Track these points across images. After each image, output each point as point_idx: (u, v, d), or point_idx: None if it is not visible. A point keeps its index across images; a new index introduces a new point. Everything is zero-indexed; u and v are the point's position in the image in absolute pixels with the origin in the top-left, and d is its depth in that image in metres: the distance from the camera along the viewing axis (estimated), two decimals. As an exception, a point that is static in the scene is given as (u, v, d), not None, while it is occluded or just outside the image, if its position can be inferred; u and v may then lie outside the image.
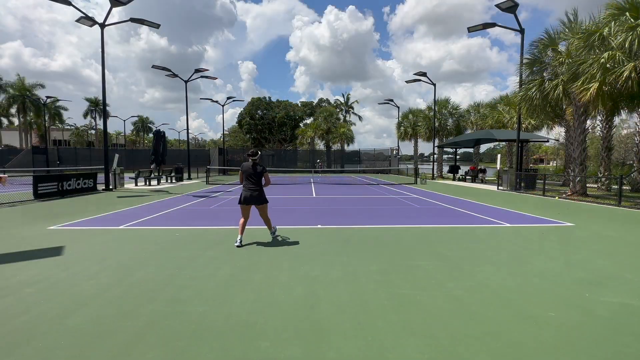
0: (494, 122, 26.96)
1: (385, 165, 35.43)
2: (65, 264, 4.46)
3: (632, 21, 11.04)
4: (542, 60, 14.55)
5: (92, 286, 3.69)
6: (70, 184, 12.71)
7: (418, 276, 4.05)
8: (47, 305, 3.21)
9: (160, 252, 5.08)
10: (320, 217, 8.29)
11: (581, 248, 5.45)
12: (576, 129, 13.94)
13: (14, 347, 2.48)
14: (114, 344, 2.53)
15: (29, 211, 8.99)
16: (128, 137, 68.24)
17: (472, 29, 16.05)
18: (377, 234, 6.36)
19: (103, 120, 16.23)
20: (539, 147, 54.97)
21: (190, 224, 7.32)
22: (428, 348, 2.49)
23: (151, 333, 2.69)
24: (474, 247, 5.48)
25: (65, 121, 50.85)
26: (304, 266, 4.42)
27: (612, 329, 2.78)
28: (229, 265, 4.46)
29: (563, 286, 3.75)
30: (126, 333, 2.68)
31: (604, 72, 11.06)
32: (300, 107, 55.22)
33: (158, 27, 15.85)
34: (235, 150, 44.39)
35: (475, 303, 3.29)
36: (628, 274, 4.18)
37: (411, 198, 12.63)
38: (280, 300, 3.34)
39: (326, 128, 41.55)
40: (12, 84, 42.41)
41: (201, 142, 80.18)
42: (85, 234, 6.33)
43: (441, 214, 8.86)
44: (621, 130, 25.96)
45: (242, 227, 5.43)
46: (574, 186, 13.49)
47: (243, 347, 2.49)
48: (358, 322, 2.90)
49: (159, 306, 3.18)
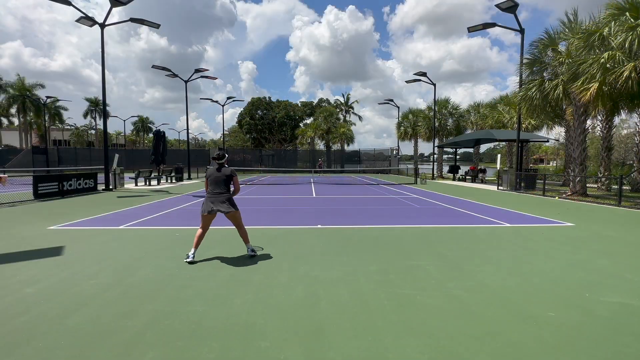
0: (494, 122, 26.95)
1: (385, 165, 35.44)
2: (65, 264, 4.45)
3: (632, 21, 11.04)
4: (542, 60, 14.55)
5: (92, 286, 3.69)
6: (70, 184, 12.71)
7: (418, 276, 4.05)
8: (47, 305, 3.21)
9: (160, 252, 5.08)
10: (320, 217, 8.29)
11: (581, 248, 5.45)
12: (576, 129, 13.93)
13: (14, 347, 2.48)
14: (114, 344, 2.53)
15: (29, 211, 8.99)
16: (128, 137, 68.23)
17: (472, 29, 16.05)
18: (377, 234, 6.36)
19: (103, 120, 16.23)
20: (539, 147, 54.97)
21: (190, 224, 7.32)
22: (428, 348, 2.49)
23: (151, 333, 2.69)
24: (474, 247, 5.47)
25: (65, 121, 50.88)
26: (304, 266, 4.42)
27: (612, 329, 2.78)
28: (229, 265, 4.46)
29: (563, 286, 3.75)
30: (126, 333, 2.68)
31: (604, 72, 11.07)
32: (300, 107, 55.23)
33: (158, 27, 15.85)
34: (235, 150, 44.43)
35: (475, 303, 3.29)
36: (628, 274, 4.18)
37: (411, 198, 12.63)
38: (280, 301, 3.33)
39: (326, 128, 41.57)
40: (12, 84, 42.40)
41: (201, 142, 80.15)
42: (85, 234, 6.33)
43: (441, 214, 8.86)
44: (621, 130, 25.98)
45: (199, 240, 4.64)
46: (574, 186, 13.49)
47: (243, 347, 2.49)
48: (358, 322, 2.90)
49: (159, 306, 3.18)
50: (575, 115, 13.93)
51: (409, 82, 25.49)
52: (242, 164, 37.07)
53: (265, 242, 5.66)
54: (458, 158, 28.63)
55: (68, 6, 12.91)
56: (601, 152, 17.26)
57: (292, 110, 52.73)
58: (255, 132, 52.45)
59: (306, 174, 30.64)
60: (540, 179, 16.33)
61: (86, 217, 8.05)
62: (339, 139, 41.94)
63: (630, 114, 16.62)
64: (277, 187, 17.09)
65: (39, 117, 42.76)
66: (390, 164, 34.72)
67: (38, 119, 43.48)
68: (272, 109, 52.76)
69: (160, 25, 15.83)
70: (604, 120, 16.94)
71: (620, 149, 24.68)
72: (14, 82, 42.67)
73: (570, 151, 15.92)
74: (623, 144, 24.91)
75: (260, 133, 52.24)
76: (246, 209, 9.75)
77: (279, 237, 6.09)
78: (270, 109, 52.67)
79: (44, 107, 38.49)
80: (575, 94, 12.27)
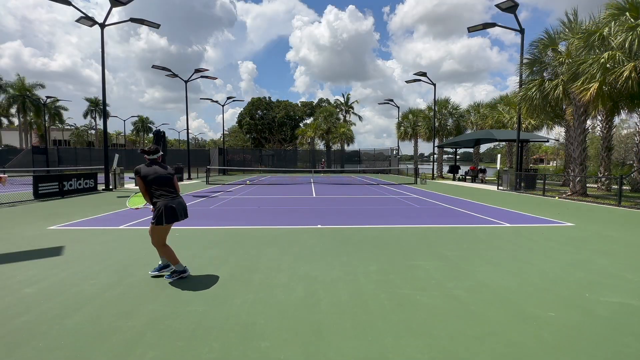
0: (494, 122, 26.96)
1: (385, 165, 35.46)
2: (65, 264, 4.45)
3: (632, 21, 11.04)
4: (542, 60, 14.55)
5: (92, 286, 3.69)
6: (70, 184, 12.71)
7: (418, 276, 4.05)
8: (47, 305, 3.21)
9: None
10: (320, 217, 8.29)
11: (581, 248, 5.45)
12: (576, 129, 13.93)
13: (14, 347, 2.48)
14: (114, 344, 2.53)
15: (29, 211, 8.99)
16: (128, 137, 68.22)
17: (472, 29, 16.05)
18: (377, 234, 6.36)
19: (103, 120, 16.23)
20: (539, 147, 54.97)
21: (190, 224, 7.31)
22: (428, 348, 2.49)
23: (151, 333, 2.69)
24: (474, 247, 5.47)
25: (65, 121, 50.87)
26: (304, 266, 4.42)
27: (612, 329, 2.78)
28: (229, 265, 4.46)
29: (563, 286, 3.75)
30: (126, 333, 2.68)
31: (604, 72, 11.07)
32: (300, 107, 55.24)
33: (158, 27, 15.85)
34: (235, 150, 44.42)
35: (475, 303, 3.29)
36: (628, 274, 4.18)
37: (411, 198, 12.63)
38: (280, 301, 3.33)
39: (326, 128, 41.56)
40: (12, 84, 42.38)
41: (201, 142, 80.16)
42: (85, 234, 6.33)
43: (441, 214, 8.86)
44: (621, 130, 25.97)
45: (172, 253, 3.90)
46: (574, 186, 13.49)
47: (243, 347, 2.49)
48: (358, 322, 2.90)
49: (159, 306, 3.18)
50: (575, 115, 13.94)
51: (409, 82, 25.50)
52: (242, 164, 37.08)
53: (265, 242, 5.66)
54: (458, 158, 28.63)
55: (68, 6, 12.92)
56: (601, 152, 17.26)
57: (292, 110, 52.75)
58: (255, 132, 52.46)
59: (306, 174, 30.64)
60: (540, 179, 16.33)
61: (86, 217, 8.05)
62: (339, 139, 41.94)
63: (630, 114, 16.63)
64: (277, 187, 17.10)
65: (39, 117, 42.74)
66: (390, 164, 34.73)
67: (38, 119, 43.46)
68: (272, 109, 52.77)
69: (160, 25, 15.83)
70: (604, 120, 16.94)
71: (620, 149, 24.68)
72: (14, 82, 42.68)
73: (570, 151, 15.91)
74: (623, 144, 24.91)
75: (260, 133, 52.25)
76: (246, 209, 9.75)
77: (279, 237, 6.09)
78: (270, 109, 52.67)
79: (44, 107, 38.48)
80: (575, 94, 12.27)
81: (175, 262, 3.90)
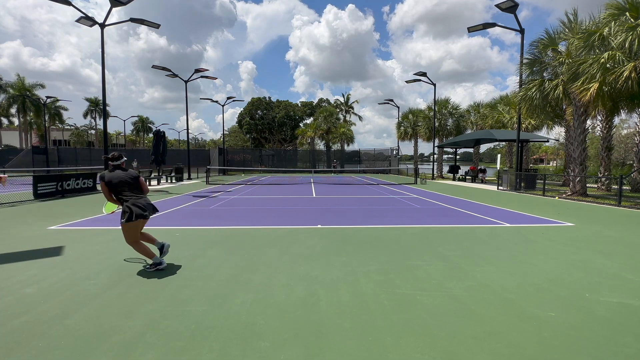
0: (494, 122, 26.94)
1: (385, 165, 35.46)
2: (65, 264, 4.46)
3: (632, 21, 11.05)
4: (542, 60, 14.56)
5: (92, 286, 3.69)
6: (70, 184, 12.71)
7: (418, 276, 4.05)
8: (47, 305, 3.20)
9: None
10: (320, 217, 8.29)
11: (581, 248, 5.45)
12: (576, 129, 13.94)
13: (14, 347, 2.48)
14: (114, 344, 2.53)
15: (29, 211, 8.98)
16: (128, 137, 68.23)
17: (472, 28, 16.05)
18: (377, 234, 6.36)
19: (103, 120, 16.23)
20: (539, 147, 54.99)
21: (190, 224, 7.32)
22: (428, 348, 2.49)
23: (151, 333, 2.69)
24: (474, 247, 5.47)
25: (65, 121, 50.87)
26: (304, 266, 4.42)
27: (612, 329, 2.78)
28: (229, 265, 4.46)
29: (563, 286, 3.75)
30: (126, 333, 2.68)
31: (604, 72, 11.07)
32: (300, 107, 55.23)
33: (158, 27, 15.85)
34: (236, 150, 44.42)
35: (475, 303, 3.29)
36: (628, 274, 4.18)
37: (411, 198, 12.63)
38: (280, 301, 3.33)
39: (326, 128, 41.55)
40: (12, 84, 42.40)
41: (201, 142, 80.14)
42: (85, 234, 6.33)
43: (441, 214, 8.86)
44: (621, 130, 25.98)
45: (146, 248, 4.22)
46: (574, 186, 13.49)
47: (243, 347, 2.49)
48: (358, 322, 2.89)
49: (159, 306, 3.18)
50: (575, 115, 13.94)
51: (409, 82, 25.49)
52: (242, 164, 37.07)
53: (265, 242, 5.66)
54: (458, 158, 28.62)
55: (68, 6, 12.92)
56: (601, 152, 17.26)
57: (292, 110, 52.73)
58: (255, 132, 52.45)
59: (306, 174, 30.63)
60: (540, 179, 16.33)
61: (86, 217, 8.05)
62: (339, 139, 41.94)
63: (630, 114, 16.62)
64: (277, 187, 17.09)
65: (39, 117, 42.76)
66: (390, 164, 34.73)
67: (38, 119, 43.48)
68: (272, 109, 52.75)
69: (160, 25, 15.82)
70: (604, 120, 16.94)
71: (620, 149, 24.68)
72: (14, 82, 42.69)
73: (570, 151, 15.90)
74: (623, 144, 24.92)
75: (260, 133, 52.24)
76: (246, 209, 9.75)
77: (279, 237, 6.09)
78: (270, 109, 52.66)
79: (44, 107, 38.44)
80: (575, 94, 12.27)
81: (151, 256, 4.20)
